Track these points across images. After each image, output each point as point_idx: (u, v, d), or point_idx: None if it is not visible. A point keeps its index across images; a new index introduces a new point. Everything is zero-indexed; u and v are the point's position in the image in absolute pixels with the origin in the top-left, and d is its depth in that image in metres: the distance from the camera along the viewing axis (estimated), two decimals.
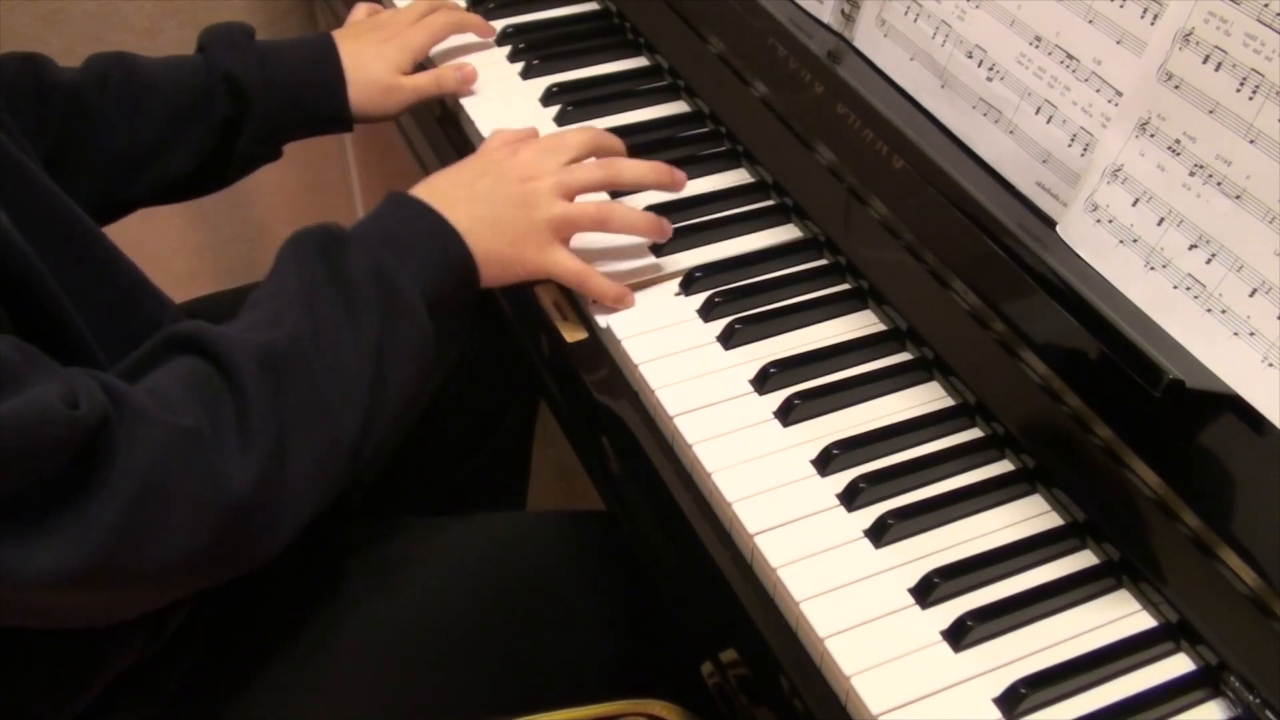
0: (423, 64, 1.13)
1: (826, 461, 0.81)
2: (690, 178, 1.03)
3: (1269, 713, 0.67)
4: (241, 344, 0.74)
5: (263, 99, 1.03)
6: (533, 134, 0.98)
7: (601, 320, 0.91)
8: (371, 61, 1.07)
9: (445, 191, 0.89)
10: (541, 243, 0.89)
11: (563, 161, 0.93)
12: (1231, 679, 0.69)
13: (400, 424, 1.11)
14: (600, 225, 0.92)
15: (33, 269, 0.73)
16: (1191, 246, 0.74)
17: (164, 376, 0.73)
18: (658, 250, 0.96)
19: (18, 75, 0.97)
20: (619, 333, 0.90)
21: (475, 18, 1.16)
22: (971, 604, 0.73)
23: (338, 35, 1.08)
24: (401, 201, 0.87)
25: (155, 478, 0.68)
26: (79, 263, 0.82)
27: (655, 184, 0.96)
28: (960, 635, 0.71)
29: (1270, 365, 0.69)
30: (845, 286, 0.94)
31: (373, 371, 0.78)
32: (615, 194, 0.99)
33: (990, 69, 0.87)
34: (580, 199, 0.93)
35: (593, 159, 0.95)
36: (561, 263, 0.90)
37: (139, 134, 1.01)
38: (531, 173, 0.91)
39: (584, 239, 0.94)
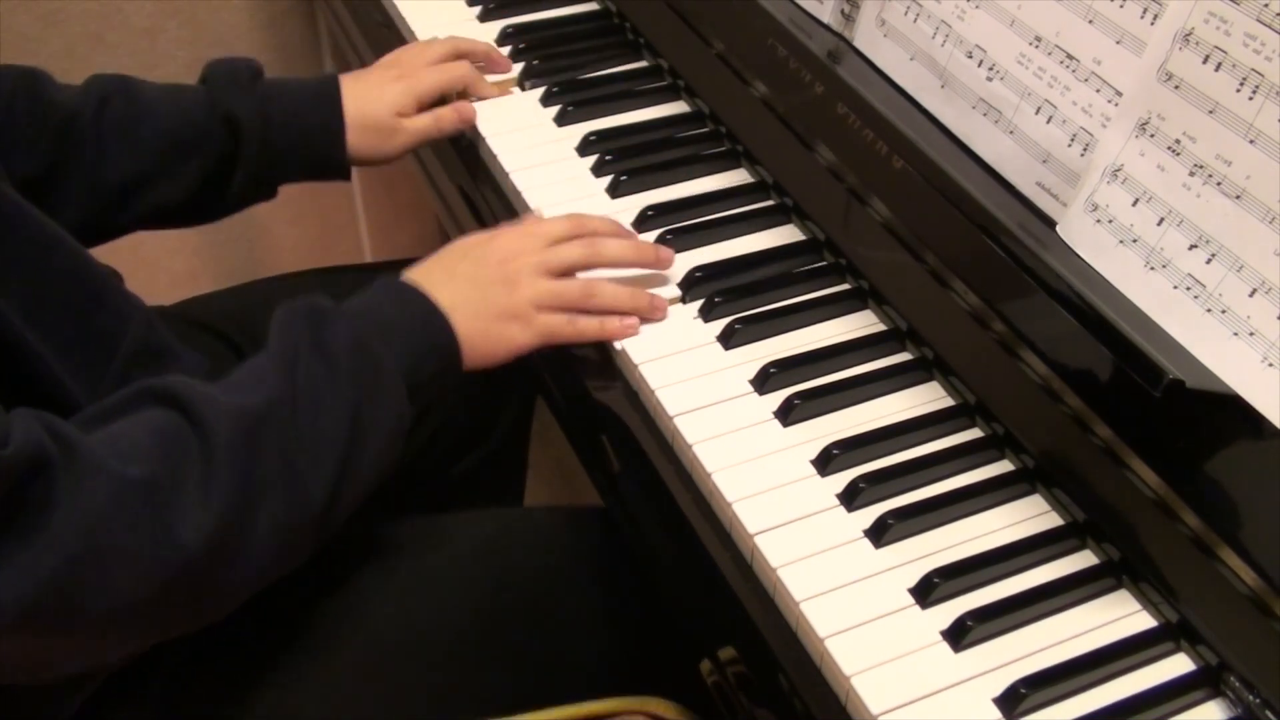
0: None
1: (826, 461, 0.81)
2: (690, 178, 1.04)
3: (1269, 713, 0.67)
4: (216, 404, 0.73)
5: (260, 142, 1.02)
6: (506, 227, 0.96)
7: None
8: (373, 105, 1.05)
9: (429, 276, 0.88)
10: (527, 318, 0.89)
11: (542, 244, 0.91)
12: (1231, 679, 0.69)
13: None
14: (585, 303, 0.90)
15: None
16: (1191, 246, 0.74)
17: (130, 425, 0.73)
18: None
19: (15, 91, 0.97)
20: None
21: (490, 88, 1.13)
22: (971, 604, 0.73)
23: (344, 77, 1.07)
24: (390, 284, 0.87)
25: (102, 533, 0.66)
26: (35, 270, 0.81)
27: (638, 263, 0.93)
28: (960, 635, 0.71)
29: (1270, 365, 0.69)
30: (845, 286, 0.94)
31: (346, 443, 0.78)
32: None
33: (990, 69, 0.87)
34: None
35: (575, 240, 0.93)
36: (550, 324, 0.89)
37: (132, 163, 1.00)
38: (512, 254, 0.90)
39: None
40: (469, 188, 1.09)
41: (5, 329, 0.75)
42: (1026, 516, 0.79)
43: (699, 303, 0.92)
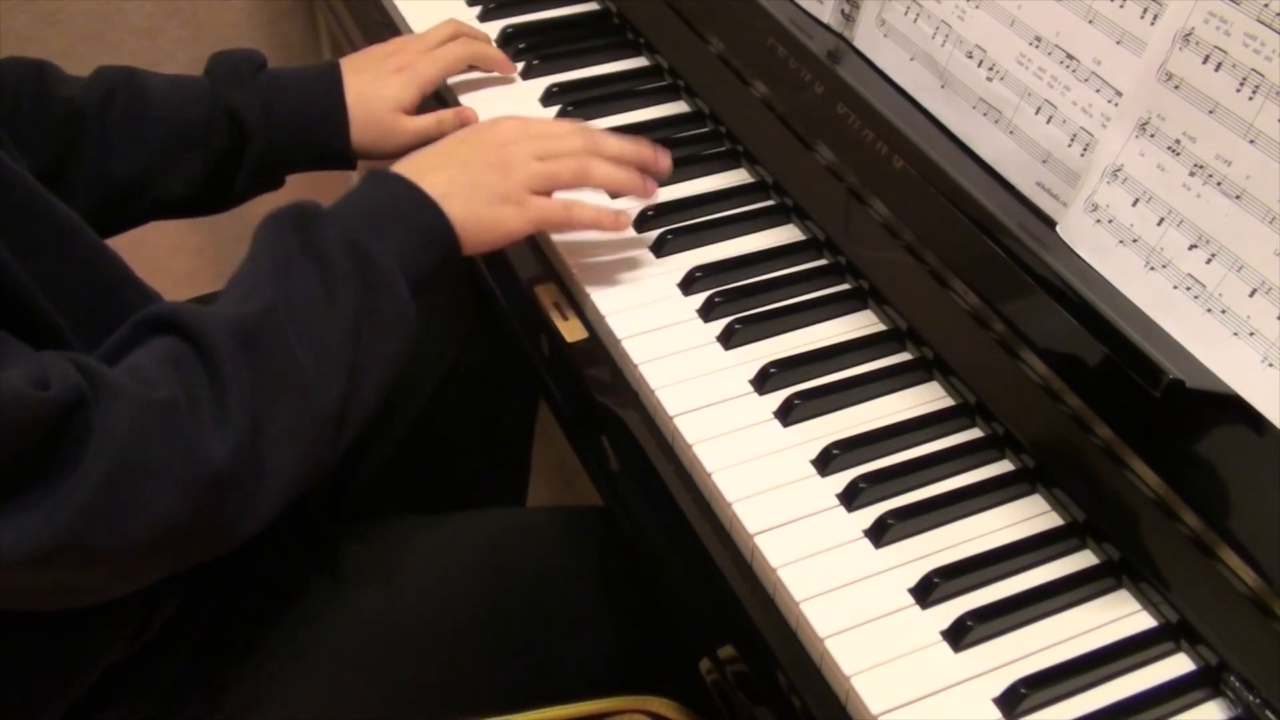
0: (437, 94, 1.11)
1: (826, 461, 0.81)
2: (690, 178, 1.04)
3: (1269, 713, 0.67)
4: (214, 319, 0.74)
5: (263, 136, 1.02)
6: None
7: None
8: (373, 101, 1.05)
9: (423, 161, 0.89)
10: (520, 200, 0.89)
11: (542, 131, 0.93)
12: (1231, 679, 0.69)
13: (399, 421, 1.11)
14: (580, 178, 0.91)
15: (2, 259, 0.73)
16: (1191, 246, 0.74)
17: (140, 355, 0.73)
18: (658, 250, 0.96)
19: (21, 83, 0.97)
20: (619, 333, 0.90)
21: (497, 53, 1.13)
22: (971, 604, 0.73)
23: (345, 66, 1.06)
24: (377, 177, 0.87)
25: (132, 453, 0.67)
26: (57, 254, 0.81)
27: (635, 158, 0.95)
28: (960, 635, 0.71)
29: (1270, 365, 0.69)
30: (845, 286, 0.94)
31: (351, 344, 0.78)
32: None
33: (990, 69, 0.87)
34: None
35: (575, 132, 0.94)
36: (542, 207, 0.90)
37: (137, 158, 1.00)
38: (510, 139, 0.91)
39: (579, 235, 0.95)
40: None
41: (34, 305, 0.76)
42: (1026, 516, 0.79)
43: (699, 303, 0.92)
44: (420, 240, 0.84)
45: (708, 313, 0.91)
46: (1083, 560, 0.76)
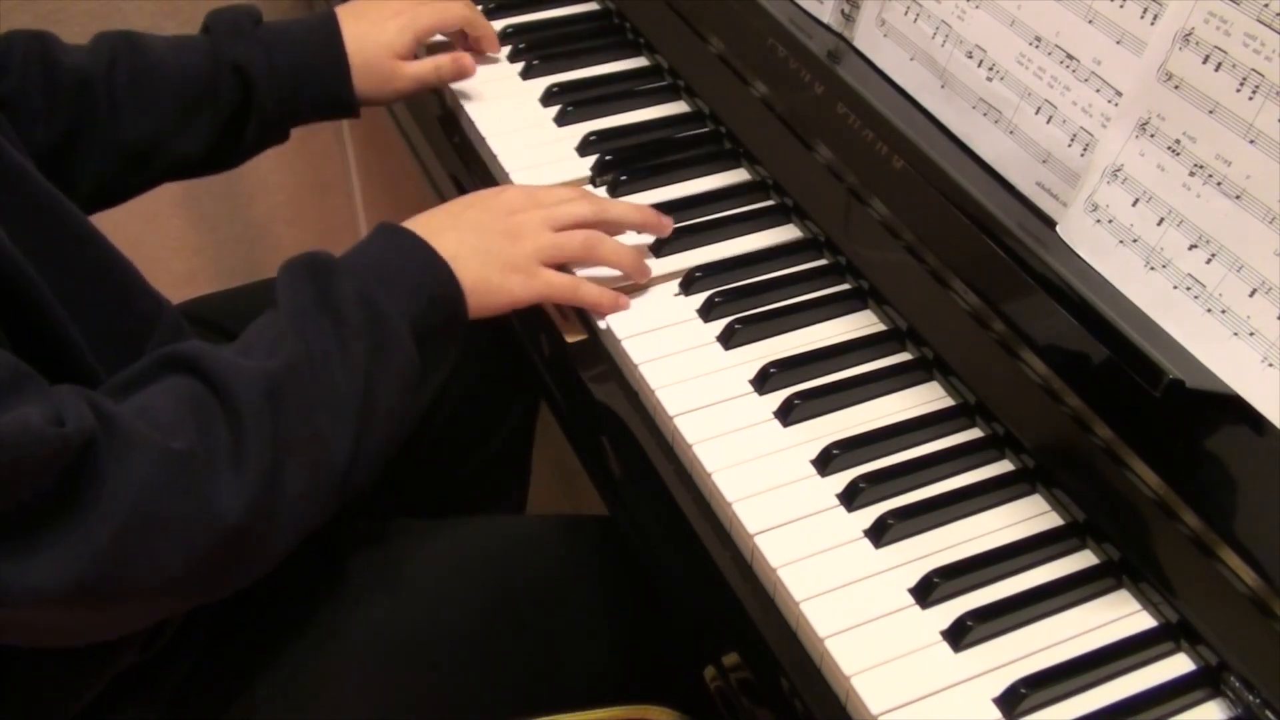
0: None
1: (826, 461, 0.81)
2: (690, 178, 1.04)
3: (1269, 713, 0.67)
4: (239, 369, 0.74)
5: (269, 88, 1.02)
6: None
7: (601, 323, 0.91)
8: (372, 46, 1.06)
9: (432, 222, 0.89)
10: (530, 270, 0.89)
11: (550, 200, 0.92)
12: (1231, 679, 0.69)
13: (401, 426, 1.11)
14: (587, 254, 0.91)
15: (19, 269, 0.73)
16: (1191, 246, 0.74)
17: (157, 395, 0.73)
18: (657, 250, 0.97)
19: (28, 55, 0.97)
20: (619, 333, 0.90)
21: (491, 30, 1.15)
22: (971, 604, 0.73)
23: (342, 13, 1.07)
24: (389, 231, 0.87)
25: (146, 503, 0.67)
26: (70, 262, 0.81)
27: (640, 225, 0.95)
28: (960, 635, 0.71)
29: (1270, 365, 0.69)
30: (845, 286, 0.94)
31: (361, 398, 0.78)
32: None
33: (990, 69, 0.87)
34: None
35: (583, 199, 0.94)
36: (551, 281, 0.90)
37: (148, 121, 1.00)
38: (519, 206, 0.91)
39: None
40: (470, 188, 1.09)
41: (50, 314, 0.76)
42: (1026, 516, 0.79)
43: (699, 303, 0.92)
44: (429, 298, 0.84)
45: (708, 313, 0.91)
46: (1083, 560, 0.76)
